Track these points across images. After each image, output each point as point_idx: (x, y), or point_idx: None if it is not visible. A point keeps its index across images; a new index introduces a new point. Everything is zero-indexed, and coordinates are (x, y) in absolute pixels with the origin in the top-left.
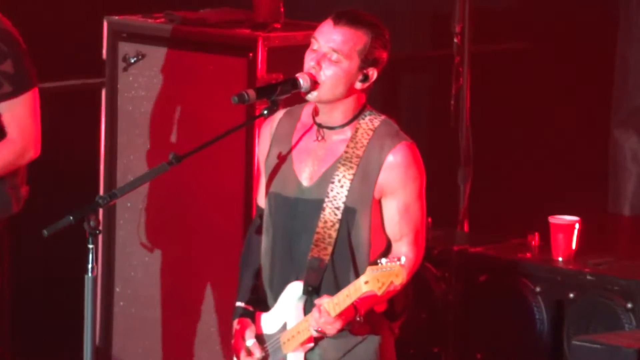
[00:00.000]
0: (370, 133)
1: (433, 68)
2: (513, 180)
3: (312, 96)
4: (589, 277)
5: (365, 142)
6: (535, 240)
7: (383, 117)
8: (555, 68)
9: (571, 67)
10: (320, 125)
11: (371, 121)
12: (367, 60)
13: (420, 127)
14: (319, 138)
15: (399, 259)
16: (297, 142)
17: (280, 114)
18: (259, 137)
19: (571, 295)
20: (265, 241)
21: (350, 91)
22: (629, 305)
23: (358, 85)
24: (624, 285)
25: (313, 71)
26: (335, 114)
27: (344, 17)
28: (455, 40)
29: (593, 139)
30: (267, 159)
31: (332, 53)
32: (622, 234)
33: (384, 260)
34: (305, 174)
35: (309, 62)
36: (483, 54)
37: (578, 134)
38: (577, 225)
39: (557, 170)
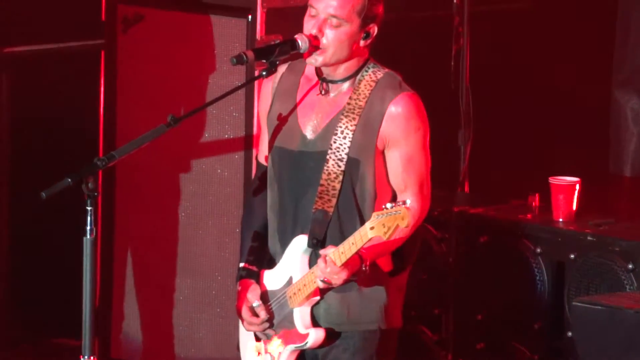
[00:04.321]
0: (373, 84)
1: (432, 29)
2: (513, 142)
3: (317, 62)
4: (589, 238)
5: (367, 93)
6: (535, 201)
7: (386, 70)
8: (555, 28)
9: (571, 27)
10: (324, 79)
11: (374, 73)
12: (366, 18)
13: (420, 88)
14: (323, 92)
15: (404, 203)
16: (302, 97)
17: (282, 68)
18: (259, 93)
19: (572, 256)
20: (270, 196)
21: (354, 51)
22: (630, 266)
23: (362, 43)
24: (624, 246)
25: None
26: (340, 69)
27: None
28: (455, 0)
29: (594, 100)
30: (269, 114)
31: (332, 18)
32: (623, 194)
33: (389, 205)
34: (310, 127)
35: (309, 29)
36: (482, 14)
37: (578, 94)
38: (577, 186)
39: (557, 131)
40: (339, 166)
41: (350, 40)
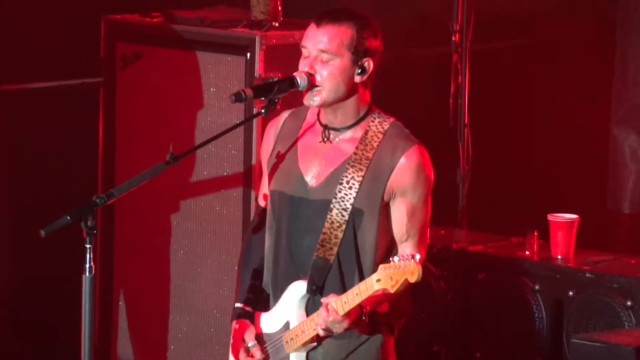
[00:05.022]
0: (381, 136)
1: (431, 66)
2: (512, 179)
3: (315, 102)
4: (588, 275)
5: (375, 144)
6: (534, 238)
7: (392, 119)
8: (554, 66)
9: (570, 65)
10: (326, 127)
11: (381, 124)
12: (358, 52)
13: (419, 126)
14: (325, 139)
15: (413, 257)
16: (303, 142)
17: (285, 114)
18: (263, 137)
19: (570, 293)
20: (268, 239)
21: (351, 87)
22: (629, 303)
23: (357, 78)
24: (623, 283)
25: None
26: (340, 114)
27: (325, 17)
28: (454, 38)
29: (592, 137)
30: (271, 158)
31: (321, 54)
32: (622, 231)
33: (396, 258)
34: (311, 174)
35: (302, 69)
36: (481, 52)
37: (577, 131)
38: (575, 223)
39: (556, 168)
40: (343, 216)
41: (343, 75)
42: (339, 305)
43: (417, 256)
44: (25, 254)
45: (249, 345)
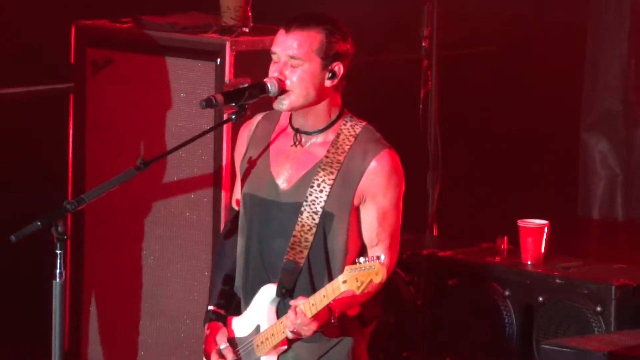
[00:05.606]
0: (352, 139)
1: (401, 72)
2: (482, 184)
3: (284, 105)
4: (558, 281)
5: (346, 147)
6: (504, 243)
7: (364, 123)
8: (523, 71)
9: (539, 71)
10: (297, 130)
11: (352, 127)
12: (327, 56)
13: (389, 131)
14: (296, 143)
15: (378, 258)
16: (276, 145)
17: (259, 117)
18: (234, 141)
19: (540, 298)
20: (240, 242)
21: (321, 92)
22: (598, 309)
23: (327, 83)
24: (593, 288)
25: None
26: (311, 118)
27: (294, 23)
28: (423, 44)
29: (562, 143)
30: (243, 161)
31: (291, 60)
32: (591, 237)
33: (362, 259)
34: (283, 177)
35: (272, 74)
36: (451, 57)
37: (547, 137)
38: (546, 229)
39: (526, 174)
40: (314, 219)
41: (313, 80)
42: (307, 307)
43: (382, 257)
44: None
45: (221, 347)
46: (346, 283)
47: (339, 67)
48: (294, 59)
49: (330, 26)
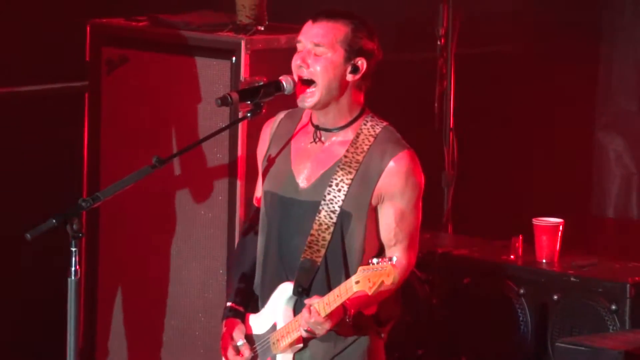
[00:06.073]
0: (372, 139)
1: (417, 71)
2: (497, 183)
3: (308, 103)
4: (573, 279)
5: (366, 147)
6: (519, 242)
7: (385, 123)
8: (539, 70)
9: (555, 70)
10: (317, 127)
11: (373, 127)
12: (352, 50)
13: (405, 129)
14: (316, 140)
15: (390, 259)
16: (296, 143)
17: (282, 114)
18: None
19: (555, 297)
20: (260, 240)
21: (343, 86)
22: (613, 307)
23: (349, 77)
24: (608, 287)
25: (301, 71)
26: (332, 115)
27: (322, 14)
28: (439, 42)
29: (577, 141)
30: (265, 158)
31: (315, 48)
32: (606, 235)
33: (375, 260)
34: (303, 175)
35: (295, 62)
36: (467, 56)
37: (562, 136)
38: (560, 228)
39: (541, 172)
40: (331, 218)
41: (335, 70)
42: (321, 306)
43: (394, 258)
44: (10, 255)
45: (238, 343)
46: (359, 283)
47: (362, 63)
48: (319, 47)
49: (358, 22)
